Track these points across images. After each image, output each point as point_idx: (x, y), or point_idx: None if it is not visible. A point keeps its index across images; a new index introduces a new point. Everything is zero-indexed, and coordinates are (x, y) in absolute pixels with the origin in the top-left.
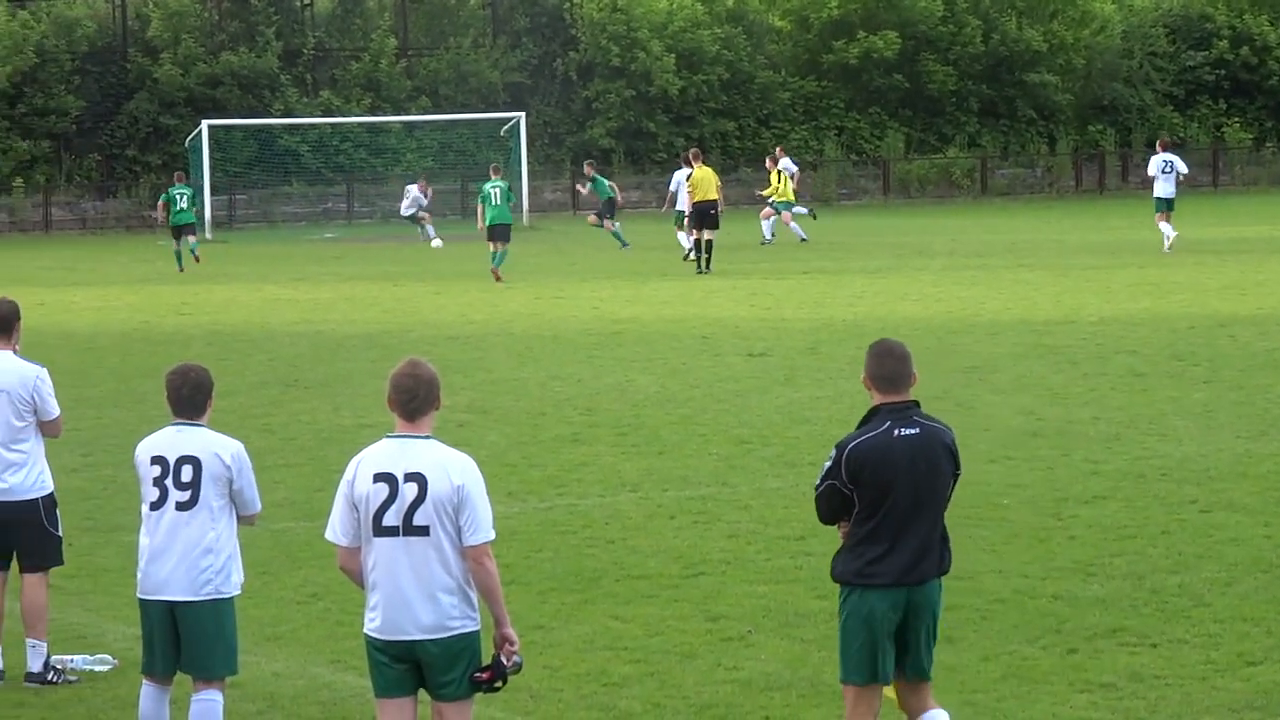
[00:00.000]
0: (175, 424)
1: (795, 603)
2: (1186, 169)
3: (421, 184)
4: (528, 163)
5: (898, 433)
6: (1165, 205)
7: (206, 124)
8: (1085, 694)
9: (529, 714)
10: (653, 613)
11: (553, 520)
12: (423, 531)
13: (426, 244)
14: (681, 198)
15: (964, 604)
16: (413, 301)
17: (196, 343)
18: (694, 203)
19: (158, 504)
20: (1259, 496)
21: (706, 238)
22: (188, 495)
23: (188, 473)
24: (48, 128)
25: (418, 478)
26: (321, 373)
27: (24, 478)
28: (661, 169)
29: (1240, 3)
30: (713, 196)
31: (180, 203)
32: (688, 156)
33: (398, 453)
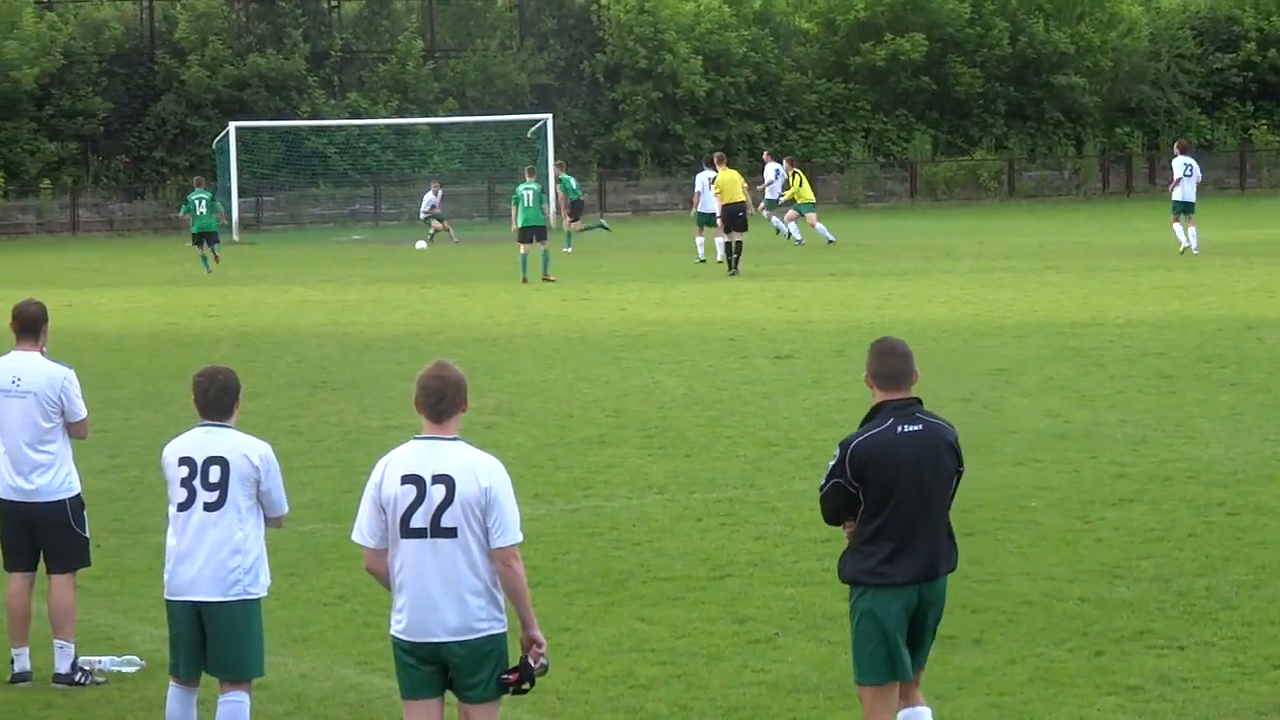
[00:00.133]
0: (203, 425)
1: (822, 605)
2: (1201, 174)
3: (434, 185)
4: (555, 165)
5: (901, 429)
6: (1185, 208)
7: (234, 126)
8: (1112, 696)
9: (556, 716)
10: (680, 615)
11: (580, 522)
12: (450, 533)
13: (450, 246)
14: (705, 200)
15: (991, 606)
16: (440, 303)
17: (224, 344)
18: (722, 205)
19: (185, 505)
20: None
21: (736, 239)
22: (215, 496)
23: (215, 473)
24: (75, 129)
25: (445, 480)
26: (349, 374)
27: (51, 479)
28: (688, 171)
29: (1268, 4)
30: (740, 198)
31: (199, 208)
32: (711, 159)
33: (425, 455)
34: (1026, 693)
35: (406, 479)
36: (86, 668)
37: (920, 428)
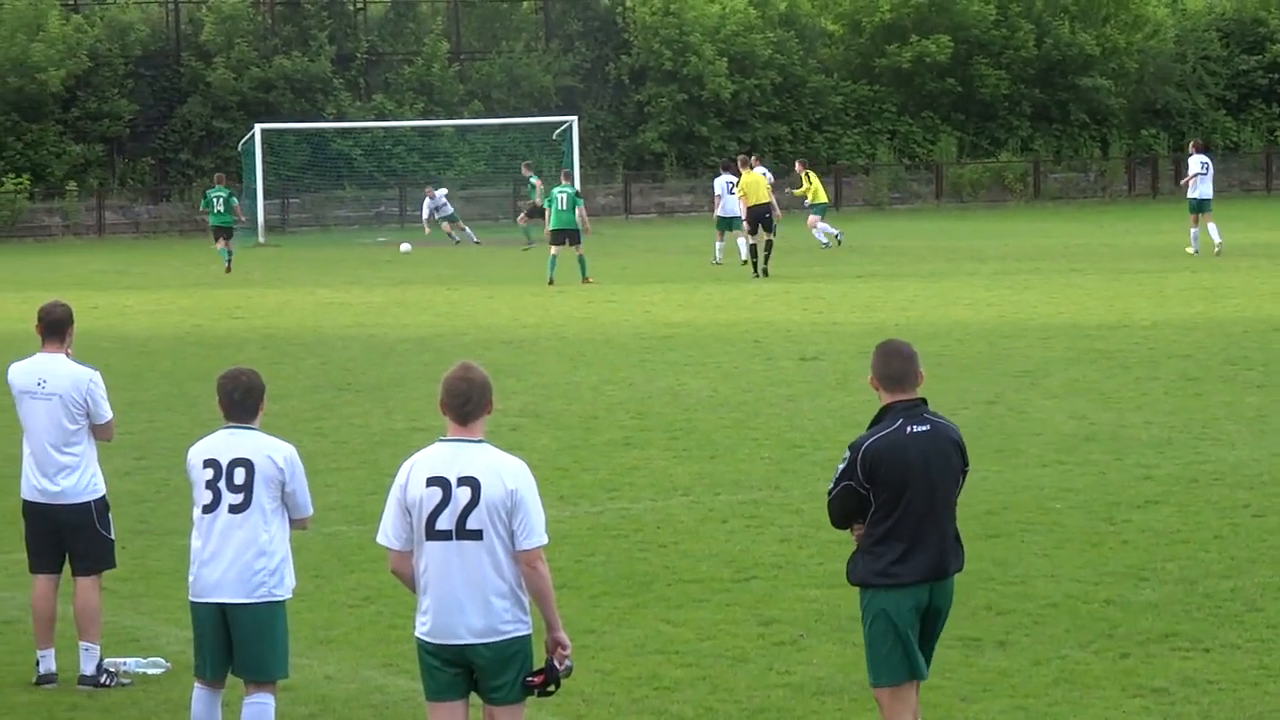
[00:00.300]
0: (228, 427)
1: (847, 607)
2: (1213, 170)
3: (428, 190)
4: (580, 167)
5: (910, 430)
6: (1203, 206)
7: (259, 128)
8: (1137, 699)
9: (581, 718)
10: (704, 617)
11: (604, 524)
12: (476, 536)
13: (468, 245)
14: (726, 203)
15: (1016, 609)
16: (465, 305)
17: (249, 346)
18: (749, 208)
19: (210, 507)
20: None
21: (766, 239)
22: (241, 498)
23: (240, 475)
24: (101, 131)
25: (471, 482)
26: (374, 376)
27: (76, 480)
28: (713, 173)
29: None
30: (765, 199)
31: (217, 205)
32: (732, 163)
33: (451, 457)
34: (1051, 695)
35: (432, 481)
36: (112, 669)
37: (928, 428)
